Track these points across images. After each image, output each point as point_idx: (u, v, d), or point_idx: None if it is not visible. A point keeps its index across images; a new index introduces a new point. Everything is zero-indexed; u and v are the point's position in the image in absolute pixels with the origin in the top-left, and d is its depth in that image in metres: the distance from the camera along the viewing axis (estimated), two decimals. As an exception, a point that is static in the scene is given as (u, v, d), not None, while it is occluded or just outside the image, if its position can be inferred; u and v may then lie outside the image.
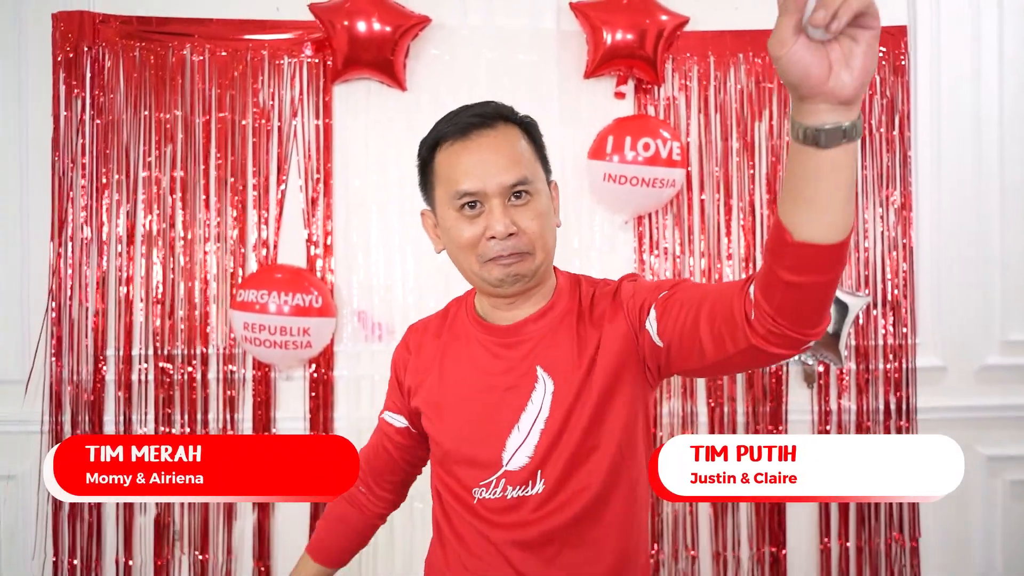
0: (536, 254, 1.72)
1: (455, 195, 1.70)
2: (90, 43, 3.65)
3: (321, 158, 3.72)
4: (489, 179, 1.67)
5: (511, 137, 1.73)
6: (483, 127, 1.72)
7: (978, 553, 3.86)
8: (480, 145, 1.70)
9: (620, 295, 1.78)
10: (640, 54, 3.66)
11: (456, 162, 1.71)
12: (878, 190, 3.78)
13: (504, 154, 1.69)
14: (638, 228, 3.77)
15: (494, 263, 1.71)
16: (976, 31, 3.81)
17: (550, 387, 1.74)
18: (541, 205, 1.72)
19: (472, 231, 1.70)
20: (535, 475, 1.73)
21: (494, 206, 1.68)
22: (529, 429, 1.73)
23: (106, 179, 3.67)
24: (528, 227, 1.70)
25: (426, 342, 1.94)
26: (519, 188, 1.69)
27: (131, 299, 3.67)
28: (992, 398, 3.82)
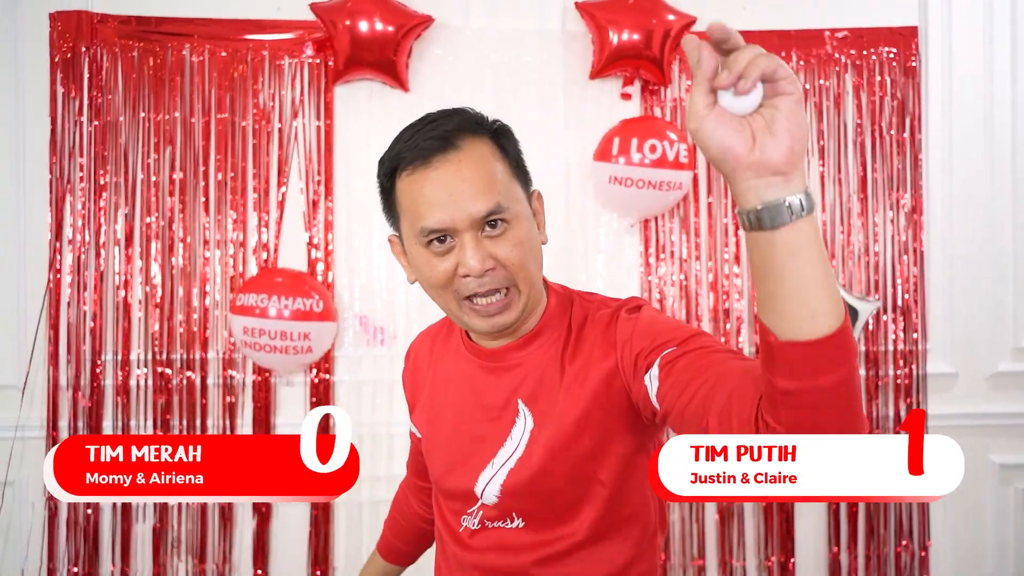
0: (520, 288, 1.56)
1: (420, 232, 1.52)
2: (88, 43, 3.66)
3: (322, 160, 3.72)
4: (457, 212, 1.49)
5: (479, 157, 1.53)
6: (446, 150, 1.51)
7: (989, 562, 3.84)
8: (444, 172, 1.51)
9: (616, 333, 1.59)
10: (647, 55, 3.65)
11: (419, 193, 1.52)
12: (888, 193, 3.78)
13: (472, 181, 1.50)
14: (644, 231, 3.77)
15: (474, 312, 1.56)
16: (988, 31, 3.80)
17: (529, 424, 1.62)
18: (521, 231, 1.54)
19: (444, 267, 1.53)
20: (510, 512, 1.65)
21: (466, 240, 1.50)
22: (501, 465, 1.63)
23: (104, 181, 3.67)
24: (507, 258, 1.52)
25: (422, 353, 1.86)
26: (493, 217, 1.51)
27: (129, 303, 3.67)
28: (1004, 405, 3.80)
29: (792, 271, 1.10)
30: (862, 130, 3.78)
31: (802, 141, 1.06)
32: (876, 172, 3.78)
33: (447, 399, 1.74)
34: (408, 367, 1.92)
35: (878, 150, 3.78)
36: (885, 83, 3.78)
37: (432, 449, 1.77)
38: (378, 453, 3.67)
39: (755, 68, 1.02)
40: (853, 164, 3.78)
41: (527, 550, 1.64)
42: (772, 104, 1.05)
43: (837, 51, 3.78)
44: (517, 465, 1.61)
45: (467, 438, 1.68)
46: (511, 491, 1.62)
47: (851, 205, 3.78)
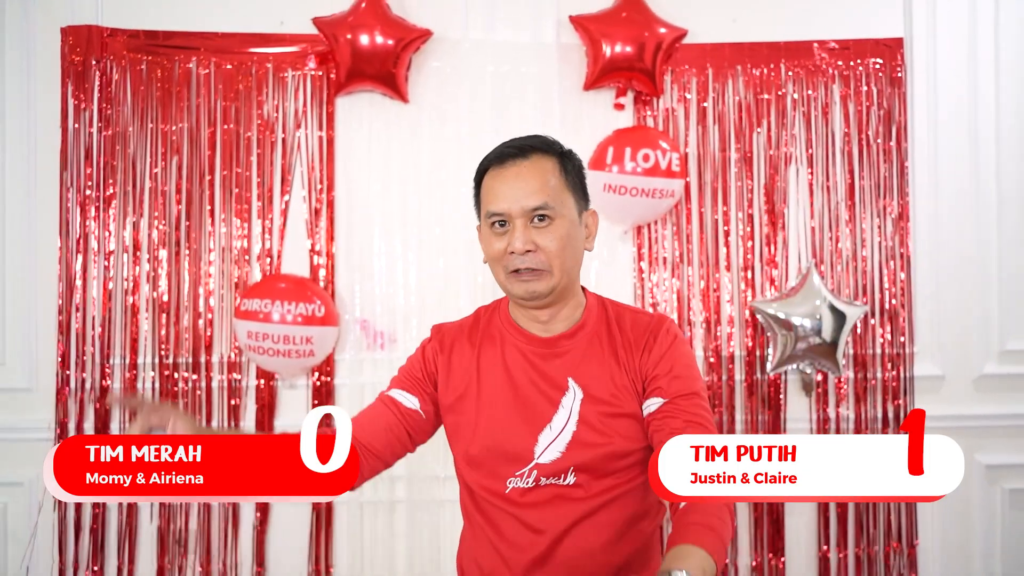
0: (553, 272, 1.86)
1: (487, 214, 1.89)
2: (98, 56, 3.58)
3: (324, 169, 3.63)
4: (514, 202, 1.84)
5: (542, 167, 1.87)
6: (518, 156, 1.87)
7: (977, 562, 3.73)
8: (511, 173, 1.86)
9: (656, 348, 1.93)
10: (639, 66, 3.58)
11: (491, 186, 1.89)
12: (875, 200, 3.69)
13: (530, 181, 1.85)
14: (637, 238, 3.68)
15: (516, 278, 1.87)
16: (972, 43, 3.72)
17: (579, 395, 1.90)
18: (562, 229, 1.86)
19: (499, 245, 1.87)
20: (567, 470, 1.88)
21: (517, 226, 1.84)
22: (561, 429, 1.88)
23: (113, 190, 3.58)
24: (546, 246, 1.84)
25: (460, 345, 2.02)
26: (541, 212, 1.84)
27: (137, 308, 3.58)
28: (990, 407, 3.70)
29: None
30: (849, 139, 3.69)
31: None
32: (863, 180, 3.69)
33: (498, 380, 1.95)
34: (439, 349, 2.04)
35: (865, 158, 3.69)
36: (872, 93, 3.69)
37: (482, 420, 1.94)
38: (379, 454, 3.55)
39: None
40: (841, 172, 3.69)
41: (578, 502, 1.88)
42: None
43: (825, 62, 3.69)
44: (579, 428, 1.88)
45: (523, 406, 1.91)
46: (574, 450, 1.87)
47: (839, 212, 3.68)
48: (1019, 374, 3.72)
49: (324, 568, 3.60)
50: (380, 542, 3.59)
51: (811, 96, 3.69)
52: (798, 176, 3.69)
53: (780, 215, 3.67)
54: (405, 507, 3.56)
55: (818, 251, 3.67)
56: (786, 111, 3.68)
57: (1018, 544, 3.73)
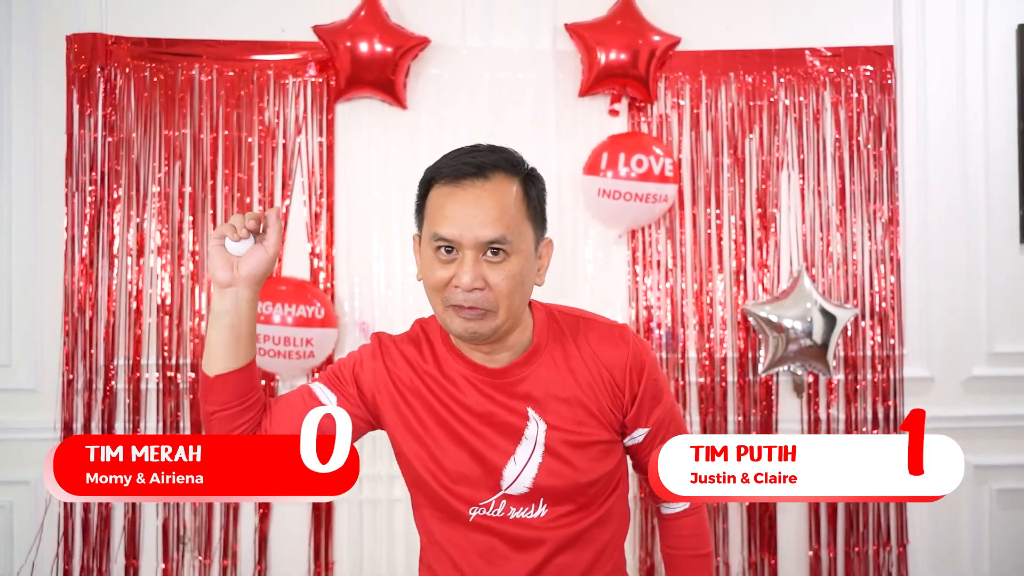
0: (499, 314, 1.63)
1: (433, 236, 1.62)
2: (103, 63, 3.53)
3: (324, 174, 3.60)
4: (467, 231, 1.59)
5: (503, 192, 1.63)
6: (477, 176, 1.62)
7: (966, 561, 3.71)
8: (468, 195, 1.61)
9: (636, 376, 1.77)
10: (633, 73, 3.54)
11: (442, 204, 1.62)
12: (866, 205, 3.65)
13: (488, 209, 1.60)
14: (631, 242, 3.64)
15: (455, 312, 1.63)
16: (960, 51, 3.69)
17: (542, 426, 1.71)
18: (516, 266, 1.62)
19: (442, 274, 1.62)
20: (537, 500, 1.72)
21: (467, 257, 1.59)
22: (526, 461, 1.71)
23: (117, 194, 3.54)
24: (497, 285, 1.61)
25: (403, 370, 1.78)
26: (496, 245, 1.60)
27: (140, 310, 3.53)
28: (979, 408, 3.67)
29: None
30: (840, 144, 3.66)
31: None
32: (854, 184, 3.66)
33: (452, 415, 1.73)
34: (375, 363, 1.80)
35: (856, 163, 3.66)
36: (862, 99, 3.66)
37: (436, 457, 1.73)
38: (378, 453, 3.53)
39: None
40: (832, 177, 3.66)
41: (548, 530, 1.72)
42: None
43: (816, 69, 3.65)
44: (544, 460, 1.70)
45: (483, 441, 1.71)
46: (546, 480, 1.70)
47: (830, 216, 3.65)
48: (1007, 376, 3.70)
49: (324, 566, 3.56)
50: (380, 540, 3.56)
51: (803, 102, 3.66)
52: (790, 181, 3.66)
53: (772, 219, 3.63)
54: (404, 505, 3.50)
55: (809, 255, 3.64)
56: (778, 117, 3.65)
57: (1007, 543, 3.70)
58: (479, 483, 1.71)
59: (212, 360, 1.67)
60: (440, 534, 1.78)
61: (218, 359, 1.66)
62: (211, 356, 1.67)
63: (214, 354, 1.66)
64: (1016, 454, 3.69)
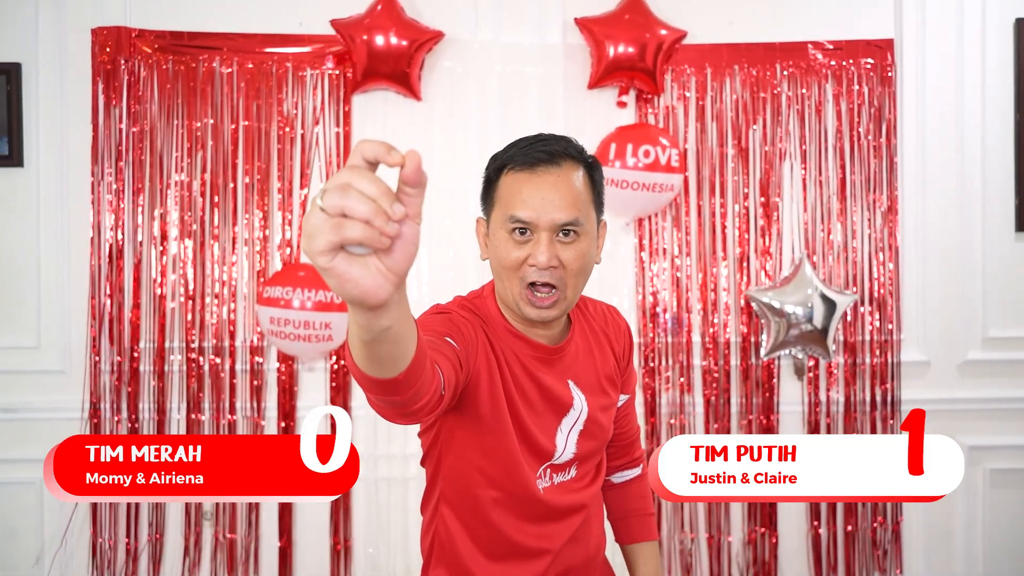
0: (567, 293, 1.69)
1: (510, 219, 1.66)
2: (127, 56, 3.53)
3: (341, 163, 3.57)
4: (544, 214, 1.64)
5: (573, 177, 1.68)
6: (550, 163, 1.66)
7: (960, 537, 3.72)
8: (543, 180, 1.65)
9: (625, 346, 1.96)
10: (641, 66, 3.52)
11: (518, 190, 1.66)
12: (866, 194, 3.64)
13: (562, 193, 1.65)
14: (639, 230, 3.64)
15: (532, 298, 1.67)
16: (959, 44, 3.67)
17: (582, 396, 1.80)
18: (584, 245, 1.68)
19: (518, 254, 1.66)
20: (572, 464, 1.81)
21: (542, 238, 1.64)
22: (570, 428, 1.78)
23: (141, 183, 3.55)
24: (569, 262, 1.66)
25: (493, 338, 1.73)
26: (569, 227, 1.65)
27: (164, 295, 3.54)
28: (973, 391, 3.67)
29: None
30: (841, 135, 3.64)
31: None
32: (854, 175, 3.64)
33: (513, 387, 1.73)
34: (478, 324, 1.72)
35: (856, 154, 3.64)
36: (863, 92, 3.64)
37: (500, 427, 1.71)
38: (393, 433, 3.54)
39: None
40: (833, 167, 3.64)
41: (575, 492, 1.82)
42: None
43: (818, 62, 3.63)
44: (585, 426, 1.80)
45: (537, 418, 1.75)
46: (584, 445, 1.80)
47: (831, 205, 3.64)
48: (1001, 360, 3.69)
49: (343, 542, 3.57)
50: (396, 518, 3.56)
51: (805, 95, 3.63)
52: (792, 171, 3.65)
53: (774, 208, 3.61)
54: (417, 484, 3.50)
55: (810, 242, 3.63)
56: (781, 109, 3.62)
57: (999, 520, 3.72)
58: (544, 447, 1.75)
59: (394, 362, 1.21)
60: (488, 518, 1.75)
61: (399, 357, 1.20)
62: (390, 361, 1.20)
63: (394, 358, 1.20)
64: (1009, 435, 3.70)
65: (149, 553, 3.55)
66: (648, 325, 3.61)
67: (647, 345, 3.61)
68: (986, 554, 3.71)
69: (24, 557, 3.56)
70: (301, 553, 3.60)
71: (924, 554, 3.70)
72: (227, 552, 3.55)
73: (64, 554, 3.54)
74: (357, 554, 3.59)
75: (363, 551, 3.59)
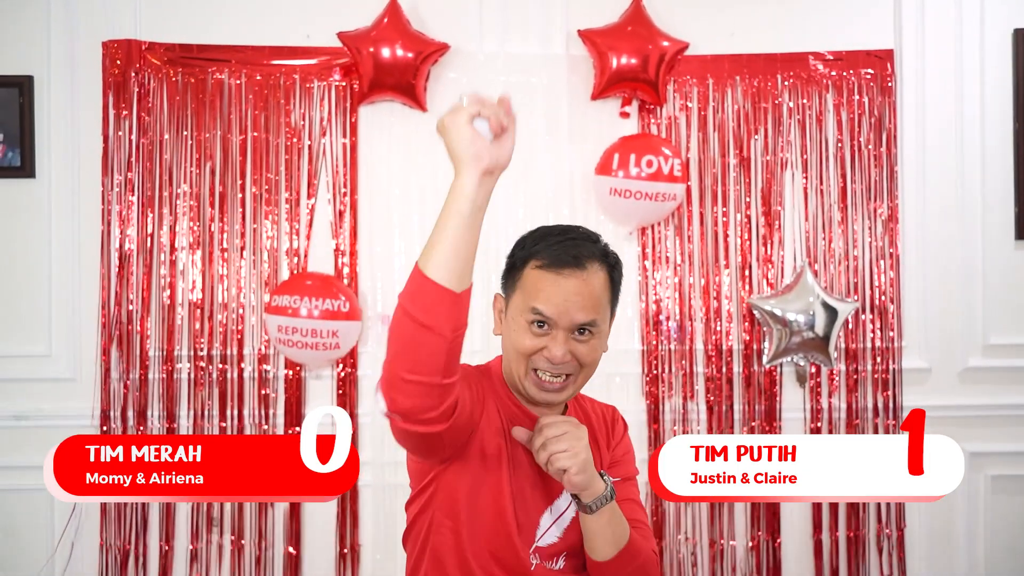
0: (577, 381, 1.73)
1: (531, 310, 1.67)
2: (137, 68, 3.54)
3: (348, 174, 3.59)
4: (564, 315, 1.65)
5: (596, 282, 1.69)
6: (575, 267, 1.67)
7: (961, 543, 3.70)
8: (568, 283, 1.66)
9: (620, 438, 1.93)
10: (643, 77, 3.52)
11: (543, 287, 1.67)
12: (866, 203, 3.63)
13: (584, 297, 1.66)
14: (641, 239, 3.63)
15: (536, 384, 1.70)
16: (959, 54, 3.66)
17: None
18: (597, 342, 1.72)
19: (533, 343, 1.68)
20: (560, 554, 1.76)
21: (559, 336, 1.67)
22: (561, 513, 1.76)
23: (151, 193, 3.55)
24: (583, 358, 1.69)
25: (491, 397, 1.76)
26: (585, 327, 1.68)
27: (174, 304, 3.55)
28: (974, 398, 3.65)
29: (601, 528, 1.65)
30: (842, 145, 3.64)
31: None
32: (855, 183, 3.64)
33: (503, 449, 1.73)
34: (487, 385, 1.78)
35: (857, 163, 3.64)
36: (863, 102, 3.63)
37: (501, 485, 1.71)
38: (399, 440, 3.50)
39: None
40: (834, 176, 3.64)
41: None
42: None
43: (819, 73, 3.63)
44: (573, 522, 1.75)
45: (526, 486, 1.74)
46: (569, 535, 1.75)
47: (832, 214, 3.63)
48: (1002, 367, 3.68)
49: (351, 548, 3.56)
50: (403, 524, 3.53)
51: (806, 105, 3.63)
52: (793, 180, 3.65)
53: (776, 217, 3.61)
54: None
55: (812, 251, 3.62)
56: (782, 119, 3.62)
57: (1000, 526, 3.70)
58: (529, 525, 1.73)
59: (462, 270, 1.42)
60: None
61: (467, 268, 1.44)
62: (458, 264, 1.42)
63: (462, 260, 1.43)
64: (1010, 442, 3.67)
65: (159, 559, 3.54)
66: (651, 333, 3.60)
67: (650, 352, 3.60)
68: (988, 560, 3.69)
69: (34, 563, 3.55)
70: (309, 559, 3.59)
71: (926, 560, 3.67)
72: (236, 557, 3.54)
73: (74, 560, 3.53)
74: (365, 560, 3.58)
75: (371, 557, 3.57)
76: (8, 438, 3.53)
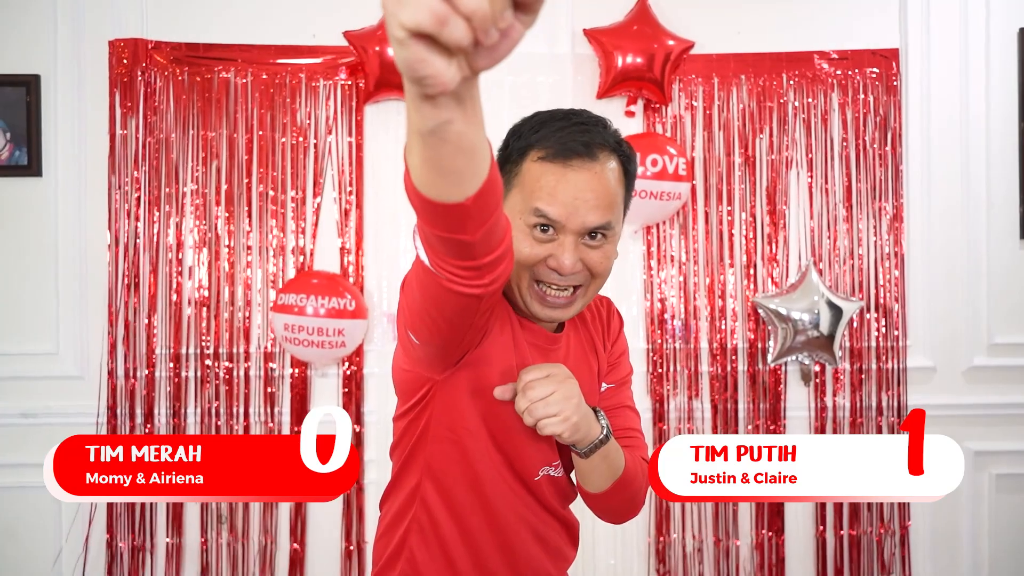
0: (587, 292, 1.51)
1: (533, 212, 1.43)
2: (143, 67, 3.55)
3: (354, 172, 3.60)
4: (573, 216, 1.42)
5: (609, 175, 1.45)
6: (585, 156, 1.42)
7: (965, 542, 3.70)
8: (579, 177, 1.42)
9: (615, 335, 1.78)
10: (649, 76, 3.52)
11: (546, 182, 1.43)
12: (871, 202, 3.63)
13: (597, 193, 1.42)
14: (646, 237, 3.63)
15: (539, 298, 1.48)
16: (963, 54, 3.66)
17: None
18: (612, 247, 1.51)
19: (535, 252, 1.44)
20: (559, 465, 1.63)
21: (567, 241, 1.43)
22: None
23: (157, 192, 3.56)
24: (595, 266, 1.47)
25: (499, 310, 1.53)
26: (598, 230, 1.45)
27: (180, 302, 3.55)
28: (979, 396, 3.65)
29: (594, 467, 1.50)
30: (847, 144, 3.63)
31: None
32: (860, 183, 3.63)
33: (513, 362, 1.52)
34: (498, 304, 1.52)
35: (862, 162, 3.63)
36: (869, 101, 3.63)
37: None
38: (404, 437, 3.50)
39: None
40: (839, 175, 3.63)
41: (569, 486, 1.67)
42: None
43: (824, 72, 3.63)
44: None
45: None
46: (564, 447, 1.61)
47: (837, 213, 3.63)
48: (1007, 366, 3.67)
49: (356, 544, 3.58)
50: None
51: (811, 104, 3.63)
52: (798, 179, 3.64)
53: (781, 216, 3.60)
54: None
55: (817, 250, 3.62)
56: (787, 118, 3.62)
57: (1004, 525, 3.69)
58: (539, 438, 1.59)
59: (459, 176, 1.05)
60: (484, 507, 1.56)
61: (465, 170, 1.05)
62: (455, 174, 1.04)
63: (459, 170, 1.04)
64: (1014, 440, 3.67)
65: (166, 558, 3.55)
66: (656, 331, 3.59)
67: (655, 351, 3.59)
68: (992, 559, 3.68)
69: (41, 561, 3.57)
70: (313, 556, 3.60)
71: (930, 559, 3.67)
72: (241, 555, 3.55)
73: (82, 559, 3.54)
74: (369, 558, 3.57)
75: (375, 554, 3.57)
76: (16, 436, 3.54)
